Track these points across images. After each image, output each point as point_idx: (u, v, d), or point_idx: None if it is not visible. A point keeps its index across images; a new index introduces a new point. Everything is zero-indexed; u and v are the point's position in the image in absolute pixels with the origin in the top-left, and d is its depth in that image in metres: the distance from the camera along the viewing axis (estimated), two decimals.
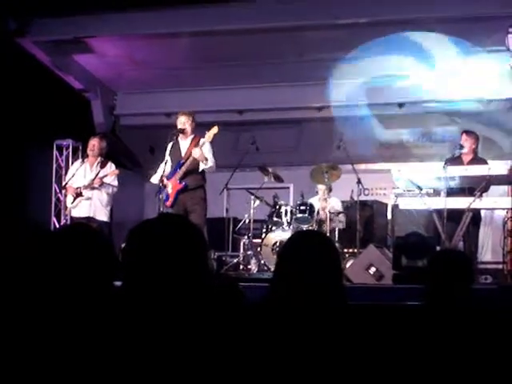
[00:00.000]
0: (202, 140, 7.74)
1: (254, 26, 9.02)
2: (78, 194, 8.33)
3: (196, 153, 7.61)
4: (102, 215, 8.39)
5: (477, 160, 7.99)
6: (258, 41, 9.43)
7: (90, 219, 8.16)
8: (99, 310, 2.03)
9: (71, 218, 8.55)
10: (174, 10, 8.94)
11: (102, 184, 8.28)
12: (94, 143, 8.50)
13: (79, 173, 8.46)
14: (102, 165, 8.45)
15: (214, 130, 7.73)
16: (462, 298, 3.19)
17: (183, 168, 7.71)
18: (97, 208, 8.36)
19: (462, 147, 7.97)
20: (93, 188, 8.31)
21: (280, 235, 8.84)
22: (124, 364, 1.84)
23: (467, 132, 8.18)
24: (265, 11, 8.77)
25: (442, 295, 3.18)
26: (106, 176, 8.30)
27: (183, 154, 7.79)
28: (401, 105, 10.51)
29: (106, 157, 8.60)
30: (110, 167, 8.46)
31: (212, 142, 7.77)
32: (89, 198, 8.33)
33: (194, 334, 1.89)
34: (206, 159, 7.65)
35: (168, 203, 7.69)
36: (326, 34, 9.20)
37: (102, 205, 8.39)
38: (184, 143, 7.85)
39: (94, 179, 8.28)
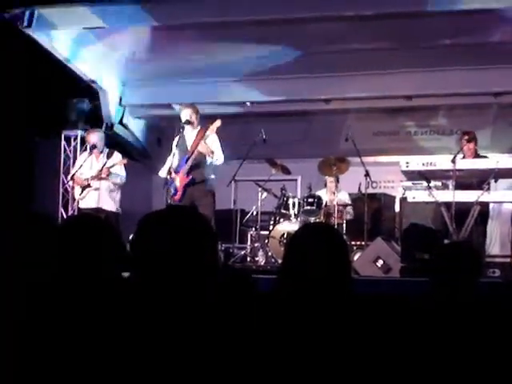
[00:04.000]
0: (207, 133, 7.75)
1: (254, 17, 8.97)
2: (86, 185, 8.33)
3: (202, 147, 7.61)
4: (111, 205, 8.39)
5: (479, 158, 8.12)
6: (261, 34, 9.40)
7: (98, 210, 8.17)
8: (106, 300, 2.03)
9: (79, 209, 8.55)
10: (180, 2, 8.91)
11: (109, 174, 8.27)
12: (95, 141, 8.47)
13: (86, 164, 8.46)
14: (109, 155, 8.45)
15: (217, 123, 7.72)
16: (469, 291, 3.18)
17: (189, 161, 7.70)
18: (105, 198, 8.36)
19: (469, 140, 8.06)
20: (100, 178, 8.31)
21: (288, 227, 8.84)
22: (132, 355, 1.84)
23: (468, 132, 8.28)
24: (266, 3, 8.71)
25: (449, 288, 3.17)
26: (113, 166, 8.30)
27: (189, 147, 7.79)
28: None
29: (109, 146, 8.62)
30: (117, 157, 8.46)
31: (218, 134, 7.77)
32: (97, 189, 8.33)
33: (203, 325, 1.88)
34: (213, 152, 7.64)
35: (176, 197, 7.68)
36: (331, 26, 9.15)
37: (110, 195, 8.39)
38: (190, 136, 7.85)
39: (101, 170, 8.28)
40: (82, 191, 8.38)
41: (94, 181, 8.31)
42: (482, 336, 2.87)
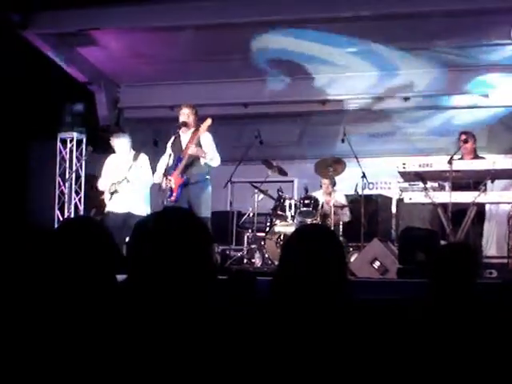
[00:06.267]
0: (198, 134, 7.71)
1: (257, 19, 8.99)
2: (115, 191, 8.14)
3: (192, 150, 7.56)
4: (141, 209, 8.13)
5: (478, 158, 8.10)
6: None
7: (128, 215, 7.98)
8: (102, 304, 2.02)
9: (108, 212, 8.29)
10: (178, 3, 8.92)
11: (134, 178, 8.07)
12: (121, 145, 8.29)
13: (113, 168, 8.28)
14: (135, 158, 8.24)
15: (208, 121, 7.70)
16: (467, 292, 3.17)
17: (183, 162, 7.67)
18: (135, 202, 8.13)
19: (466, 140, 8.05)
20: (127, 181, 8.10)
21: (284, 229, 8.84)
22: (128, 359, 1.83)
23: (466, 132, 8.26)
24: (267, 5, 8.73)
25: (446, 289, 3.17)
26: (139, 169, 8.10)
27: (184, 148, 7.76)
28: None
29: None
30: (143, 159, 8.26)
31: (211, 133, 7.75)
32: (125, 193, 8.12)
33: (198, 328, 1.87)
34: (205, 153, 7.61)
35: (172, 198, 7.63)
36: (328, 28, 9.17)
37: (139, 199, 8.16)
38: (185, 136, 7.82)
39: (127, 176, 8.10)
40: (111, 197, 8.18)
41: (122, 185, 8.12)
42: (479, 337, 2.87)
